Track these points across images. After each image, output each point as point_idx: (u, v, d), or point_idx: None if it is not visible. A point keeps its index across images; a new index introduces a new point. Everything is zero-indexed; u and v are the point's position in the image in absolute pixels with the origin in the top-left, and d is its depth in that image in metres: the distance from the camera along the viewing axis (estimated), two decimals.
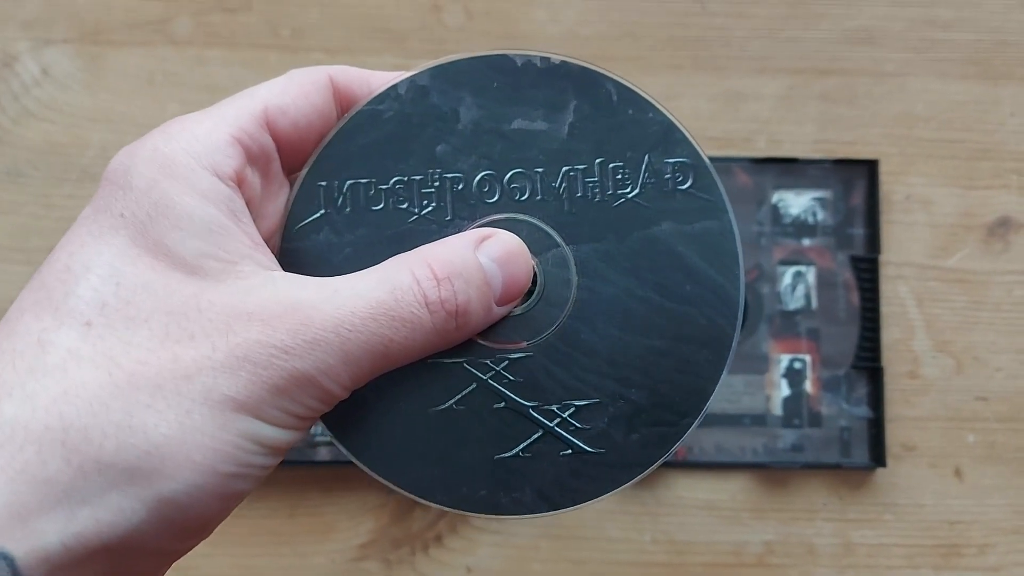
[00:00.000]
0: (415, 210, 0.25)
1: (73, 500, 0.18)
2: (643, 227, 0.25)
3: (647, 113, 0.26)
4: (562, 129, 0.26)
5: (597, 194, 0.25)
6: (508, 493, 0.25)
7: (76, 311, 0.20)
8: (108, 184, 0.22)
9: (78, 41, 0.41)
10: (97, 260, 0.21)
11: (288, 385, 0.20)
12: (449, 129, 0.26)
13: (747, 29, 0.42)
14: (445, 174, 0.25)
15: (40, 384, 0.19)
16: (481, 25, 0.42)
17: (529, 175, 0.26)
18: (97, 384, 0.19)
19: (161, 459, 0.19)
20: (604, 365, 0.25)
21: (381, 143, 0.25)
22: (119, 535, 0.19)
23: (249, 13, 0.42)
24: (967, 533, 0.40)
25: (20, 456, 0.18)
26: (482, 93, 0.26)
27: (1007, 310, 0.41)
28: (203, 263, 0.21)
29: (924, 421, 0.41)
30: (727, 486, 0.40)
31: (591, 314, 0.25)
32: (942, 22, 0.43)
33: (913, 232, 0.42)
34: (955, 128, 0.42)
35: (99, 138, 0.41)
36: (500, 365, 0.25)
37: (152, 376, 0.20)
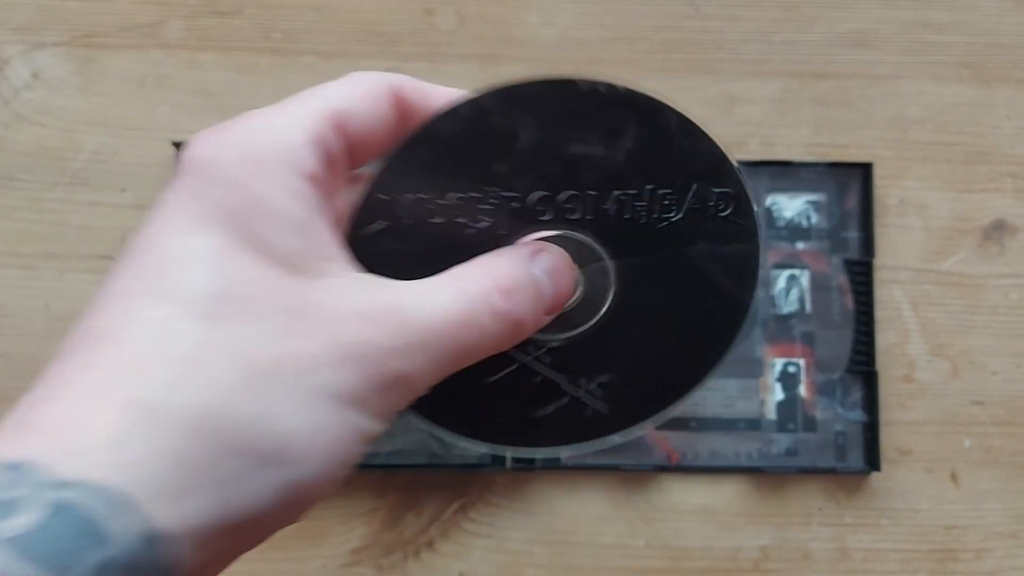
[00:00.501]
0: (472, 225, 0.27)
1: (215, 483, 0.20)
2: (679, 246, 0.28)
3: (702, 145, 0.27)
4: (619, 155, 0.27)
5: (643, 216, 0.28)
6: (542, 436, 0.29)
7: (193, 302, 0.21)
8: (196, 172, 0.22)
9: (70, 44, 0.41)
10: (200, 251, 0.21)
11: (390, 383, 0.22)
12: (508, 149, 0.27)
13: (741, 32, 0.42)
14: (502, 192, 0.27)
15: (177, 373, 0.20)
16: (474, 29, 0.42)
17: (582, 197, 0.27)
18: (231, 376, 0.20)
19: (291, 448, 0.21)
20: (624, 354, 0.29)
21: (441, 160, 0.27)
22: (251, 515, 0.20)
23: (241, 17, 0.42)
24: (963, 538, 0.40)
25: (169, 440, 0.19)
26: (543, 116, 0.27)
27: (1003, 314, 0.42)
28: (299, 261, 0.22)
29: (920, 425, 0.41)
30: (722, 491, 0.40)
31: (621, 316, 0.29)
32: (936, 25, 0.43)
33: (908, 236, 0.42)
34: (950, 131, 0.42)
35: (92, 141, 0.41)
36: (540, 351, 0.29)
37: (275, 370, 0.21)
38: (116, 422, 0.19)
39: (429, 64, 0.42)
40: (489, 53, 0.42)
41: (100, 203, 0.41)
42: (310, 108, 0.24)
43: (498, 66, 0.42)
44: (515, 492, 0.40)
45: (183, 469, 0.19)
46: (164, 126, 0.41)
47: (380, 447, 0.39)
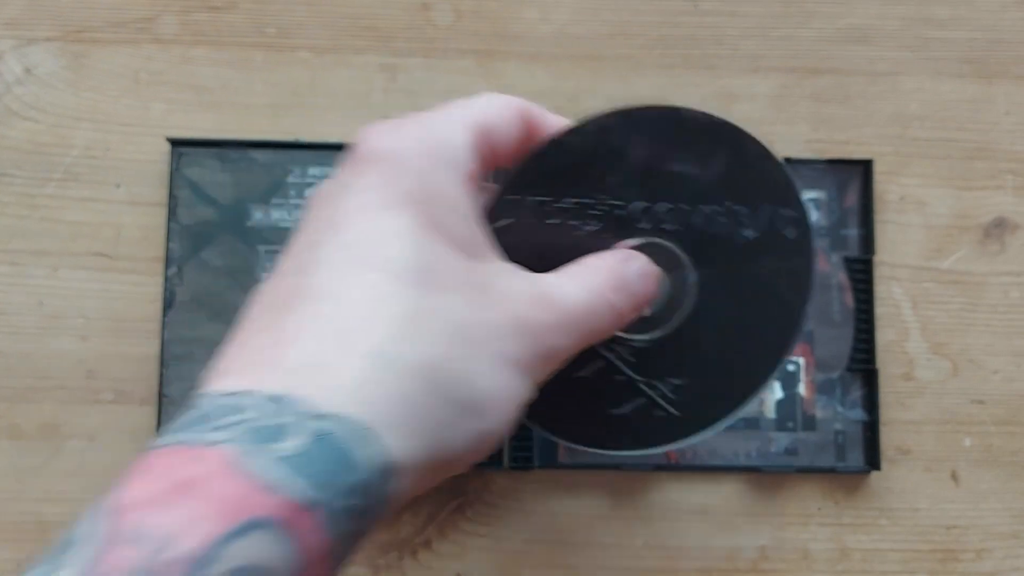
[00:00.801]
0: (581, 228, 0.31)
1: (433, 425, 0.23)
2: (752, 260, 0.32)
3: (775, 172, 0.32)
4: (709, 175, 0.32)
5: (723, 231, 0.32)
6: (617, 436, 0.33)
7: (401, 273, 0.24)
8: (382, 161, 0.26)
9: (62, 39, 0.41)
10: (396, 228, 0.25)
11: (547, 355, 0.26)
12: (620, 164, 0.31)
13: (739, 28, 0.42)
14: (610, 201, 0.31)
15: (401, 330, 0.23)
16: (470, 24, 0.42)
17: (675, 209, 0.32)
18: (443, 336, 0.24)
19: (485, 402, 0.25)
20: (700, 356, 0.33)
21: (564, 168, 0.31)
22: (451, 456, 0.24)
23: (235, 11, 0.42)
24: (964, 538, 0.40)
25: (401, 386, 0.23)
26: (652, 136, 0.31)
27: (1003, 312, 0.41)
28: (471, 248, 0.26)
29: (919, 424, 0.41)
30: (720, 490, 0.40)
31: (698, 320, 0.32)
32: (936, 20, 0.43)
33: (908, 233, 0.42)
34: (950, 128, 0.42)
35: (84, 137, 0.41)
36: (624, 350, 0.33)
37: (472, 334, 0.25)
38: (358, 367, 0.23)
39: (425, 59, 0.42)
40: (486, 49, 0.42)
41: (93, 199, 0.41)
42: (467, 117, 0.28)
43: (495, 62, 0.42)
44: (512, 492, 0.40)
45: (411, 411, 0.23)
46: (157, 121, 0.41)
47: None
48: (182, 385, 0.38)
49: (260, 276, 0.39)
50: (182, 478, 0.20)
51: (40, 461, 0.39)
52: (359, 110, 0.41)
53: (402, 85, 0.42)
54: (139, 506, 0.20)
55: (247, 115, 0.41)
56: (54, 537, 0.20)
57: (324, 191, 0.27)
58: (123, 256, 0.40)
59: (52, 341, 0.40)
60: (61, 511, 0.39)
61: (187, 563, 0.19)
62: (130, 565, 0.19)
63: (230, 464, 0.20)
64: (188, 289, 0.39)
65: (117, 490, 0.20)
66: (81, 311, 0.40)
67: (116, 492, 0.20)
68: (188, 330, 0.39)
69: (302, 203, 0.40)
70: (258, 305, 0.25)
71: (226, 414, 0.21)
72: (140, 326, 0.40)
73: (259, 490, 0.20)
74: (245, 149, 0.40)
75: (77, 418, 0.39)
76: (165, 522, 0.19)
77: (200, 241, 0.39)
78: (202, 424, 0.21)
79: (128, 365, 0.40)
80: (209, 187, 0.39)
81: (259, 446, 0.21)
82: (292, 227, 0.39)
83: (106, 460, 0.39)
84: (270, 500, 0.20)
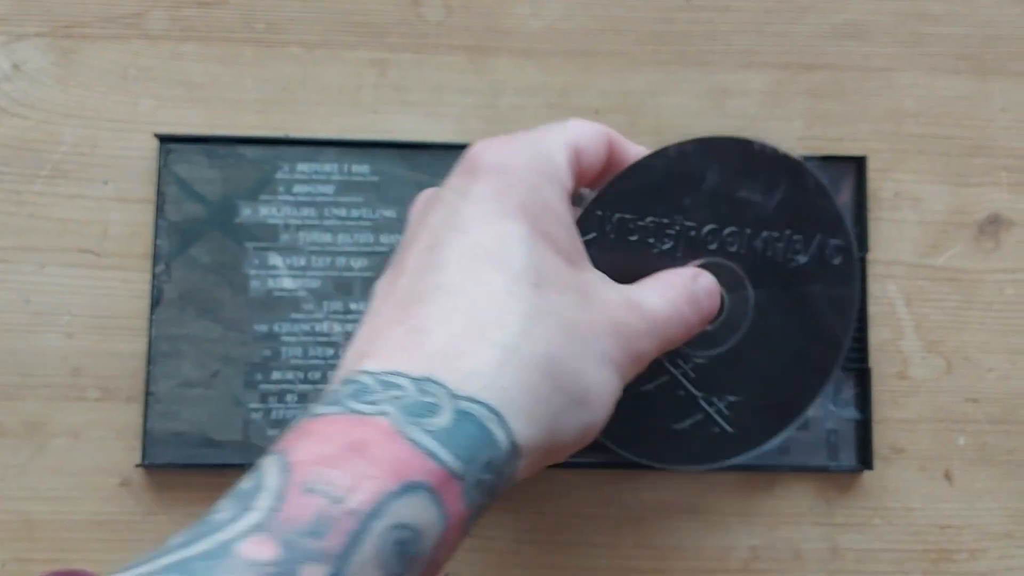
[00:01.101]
0: (657, 246, 0.35)
1: (549, 414, 0.26)
2: (802, 284, 0.35)
3: (828, 203, 0.35)
4: (772, 203, 0.35)
5: (779, 255, 0.35)
6: (675, 451, 0.37)
7: (521, 274, 0.27)
8: (497, 174, 0.29)
9: (50, 35, 0.41)
10: (515, 234, 0.28)
11: (635, 358, 0.30)
12: (696, 187, 0.35)
13: (733, 23, 0.42)
14: (684, 221, 0.35)
15: (525, 325, 0.26)
16: (461, 20, 0.42)
17: (740, 233, 0.35)
18: (559, 333, 0.27)
19: (591, 395, 0.28)
20: (753, 375, 0.36)
21: (646, 189, 0.34)
22: (560, 443, 0.27)
23: (224, 7, 0.42)
24: (958, 538, 0.40)
25: (526, 376, 0.26)
26: (726, 164, 0.35)
27: (998, 309, 0.41)
28: (572, 256, 0.29)
29: (913, 423, 0.41)
30: (712, 489, 0.40)
31: (753, 339, 0.36)
32: (932, 16, 0.42)
33: (902, 230, 0.41)
34: (945, 124, 0.42)
35: (73, 133, 0.41)
36: (687, 365, 0.36)
37: (582, 334, 0.28)
38: (491, 357, 0.25)
39: (416, 55, 0.42)
40: (477, 44, 0.42)
41: (81, 195, 0.40)
42: (567, 139, 0.31)
43: (486, 57, 0.42)
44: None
45: (533, 400, 0.26)
46: (146, 118, 0.41)
47: None
48: (168, 383, 0.38)
49: (248, 273, 0.39)
50: (353, 440, 0.23)
51: (24, 459, 0.39)
52: (349, 106, 0.41)
53: (393, 80, 0.42)
54: (316, 462, 0.22)
55: (237, 111, 0.41)
56: (235, 485, 0.23)
57: (435, 197, 0.30)
58: (110, 253, 0.40)
59: (38, 338, 0.40)
60: (47, 509, 0.39)
61: (360, 514, 0.22)
62: (311, 512, 0.21)
63: (394, 432, 0.23)
64: (176, 286, 0.39)
65: (287, 449, 0.23)
66: (67, 308, 0.40)
67: (287, 450, 0.23)
68: (176, 327, 0.39)
69: (291, 199, 0.39)
70: (386, 299, 0.28)
71: (385, 389, 0.24)
72: (127, 323, 0.40)
73: (418, 456, 0.23)
74: (234, 145, 0.40)
75: (62, 416, 0.39)
76: (341, 477, 0.22)
77: (188, 238, 0.39)
78: (365, 396, 0.24)
79: (114, 362, 0.40)
80: (197, 183, 0.39)
81: (415, 419, 0.24)
82: (280, 224, 0.39)
83: (92, 458, 0.39)
84: (427, 465, 0.23)
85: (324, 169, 0.40)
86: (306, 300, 0.39)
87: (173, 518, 0.39)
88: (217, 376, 0.38)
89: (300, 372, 0.39)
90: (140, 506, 0.39)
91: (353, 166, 0.40)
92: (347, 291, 0.39)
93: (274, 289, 0.39)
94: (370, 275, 0.39)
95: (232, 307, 0.39)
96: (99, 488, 0.39)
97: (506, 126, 0.41)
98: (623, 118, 0.41)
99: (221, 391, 0.38)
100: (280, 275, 0.39)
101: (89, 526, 0.39)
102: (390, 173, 0.40)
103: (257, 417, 0.38)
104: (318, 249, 0.39)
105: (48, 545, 0.39)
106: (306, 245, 0.39)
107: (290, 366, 0.39)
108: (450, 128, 0.41)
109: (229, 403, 0.38)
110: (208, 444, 0.38)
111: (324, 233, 0.39)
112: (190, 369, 0.38)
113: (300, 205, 0.40)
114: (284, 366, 0.39)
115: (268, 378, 0.39)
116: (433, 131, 0.41)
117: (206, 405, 0.38)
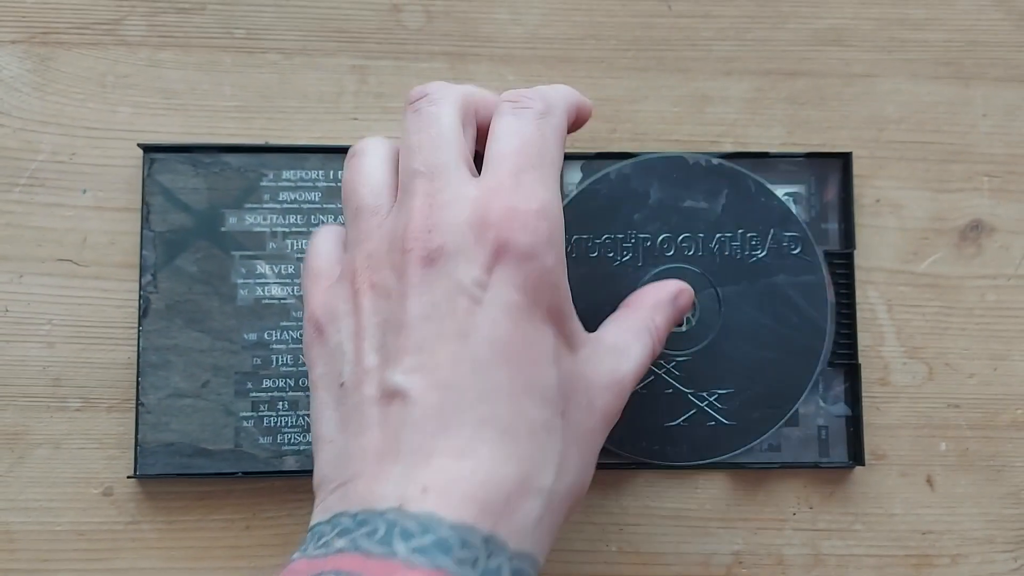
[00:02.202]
0: (617, 258, 0.40)
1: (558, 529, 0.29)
2: (766, 277, 0.40)
3: (773, 201, 0.41)
4: (717, 208, 0.41)
5: (737, 253, 0.40)
6: (673, 448, 0.40)
7: (553, 400, 0.28)
8: (522, 264, 0.28)
9: (26, 42, 0.42)
10: (548, 350, 0.29)
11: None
12: (643, 204, 0.40)
13: (714, 30, 0.43)
14: (639, 234, 0.40)
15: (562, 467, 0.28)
16: (441, 26, 0.43)
17: (694, 238, 0.40)
18: (579, 463, 0.29)
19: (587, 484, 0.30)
20: (737, 367, 0.40)
21: (597, 210, 0.40)
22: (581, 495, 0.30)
23: (203, 13, 0.42)
24: (939, 543, 0.41)
25: (558, 519, 0.29)
26: (665, 180, 0.41)
27: (980, 315, 0.42)
28: (573, 336, 0.30)
29: (895, 429, 0.42)
30: (695, 496, 0.41)
31: (730, 333, 0.40)
32: (912, 22, 0.43)
33: (883, 236, 0.42)
34: (926, 130, 0.43)
35: (50, 141, 0.41)
36: (670, 364, 0.40)
37: (592, 444, 0.31)
38: (536, 509, 0.27)
39: (396, 62, 0.42)
40: (457, 50, 0.43)
41: (60, 204, 0.41)
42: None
43: (466, 63, 0.43)
44: None
45: (557, 529, 0.28)
46: (124, 125, 0.42)
47: None
48: (158, 394, 0.39)
49: (236, 282, 0.40)
50: None
51: (5, 469, 0.40)
52: (330, 112, 0.42)
53: (372, 87, 0.42)
54: None
55: (216, 118, 0.42)
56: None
57: (451, 285, 0.28)
58: (90, 262, 0.41)
59: (17, 348, 0.40)
60: (27, 520, 0.40)
61: None
62: None
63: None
64: (163, 297, 0.40)
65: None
66: (47, 318, 0.41)
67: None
68: (164, 338, 0.39)
69: (276, 207, 0.40)
70: (419, 411, 0.27)
71: (461, 548, 0.25)
72: (108, 332, 0.40)
73: None
74: (218, 153, 0.40)
75: (43, 425, 0.40)
76: None
77: (174, 248, 0.40)
78: (444, 552, 0.24)
79: (95, 372, 0.40)
80: (182, 193, 0.40)
81: (468, 570, 0.25)
82: (267, 231, 0.40)
83: (73, 468, 0.40)
84: None
85: (309, 176, 0.40)
86: (295, 307, 0.40)
87: (156, 527, 0.40)
88: (207, 386, 0.39)
89: (291, 380, 0.39)
90: (123, 516, 0.40)
91: (338, 172, 0.41)
92: None
93: (262, 297, 0.40)
94: None
95: (220, 316, 0.40)
96: (81, 498, 0.40)
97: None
98: (603, 125, 0.42)
99: (212, 401, 0.39)
100: (268, 283, 0.40)
101: (71, 536, 0.40)
102: None
103: (249, 425, 0.39)
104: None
105: (29, 556, 0.39)
106: (293, 252, 0.40)
107: (280, 374, 0.39)
108: None
109: (220, 412, 0.39)
110: (200, 454, 0.39)
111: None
112: (180, 380, 0.39)
113: (286, 212, 0.40)
114: (275, 374, 0.39)
115: (259, 386, 0.39)
116: None
117: (197, 415, 0.39)
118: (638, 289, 0.36)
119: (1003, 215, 0.43)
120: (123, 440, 0.40)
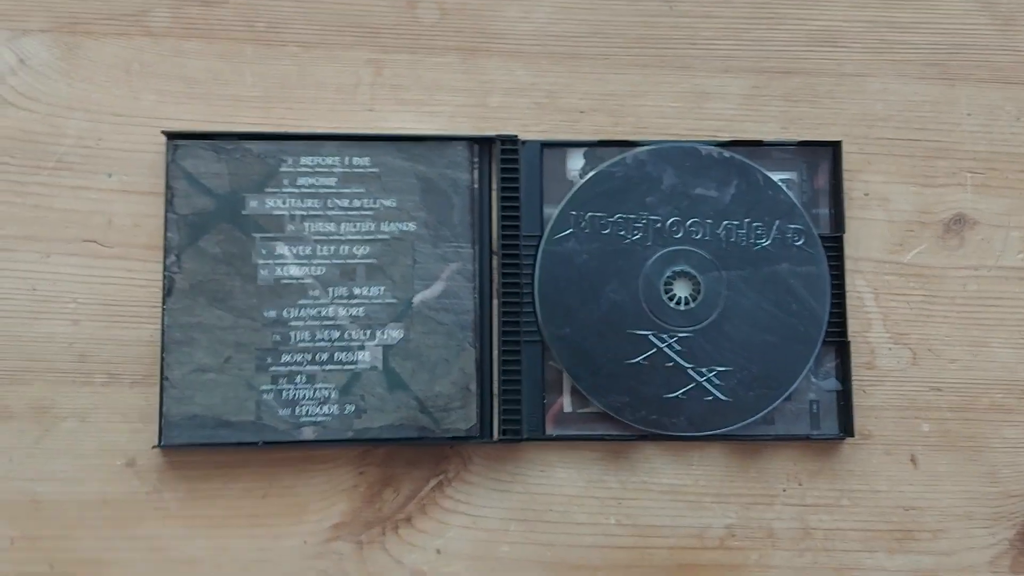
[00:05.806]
0: (628, 237, 0.46)
1: None
2: (770, 265, 0.46)
3: (780, 194, 0.46)
4: (726, 197, 0.46)
5: (743, 240, 0.46)
6: (670, 419, 0.45)
7: None
8: None
9: (55, 31, 0.47)
10: None
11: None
12: (656, 188, 0.46)
13: (713, 29, 0.49)
14: (650, 216, 0.46)
15: None
16: (454, 22, 0.48)
17: (702, 223, 0.46)
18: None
19: None
20: (737, 347, 0.46)
21: (612, 191, 0.46)
22: None
23: (225, 6, 0.47)
24: (921, 519, 0.47)
25: None
26: (679, 167, 0.46)
27: (961, 304, 0.48)
28: None
29: (880, 410, 0.47)
30: (690, 471, 0.46)
31: (732, 315, 0.46)
32: (901, 25, 0.49)
33: (871, 228, 0.48)
34: (913, 127, 0.49)
35: (76, 127, 0.46)
36: (672, 339, 0.45)
37: None
38: None
39: (411, 56, 0.48)
40: (469, 45, 0.48)
41: (86, 187, 0.46)
42: None
43: (478, 58, 0.48)
44: (491, 471, 0.46)
45: None
46: (148, 112, 0.47)
47: (371, 422, 0.44)
48: (182, 369, 0.44)
49: (256, 262, 0.45)
50: None
51: (31, 441, 0.45)
52: (346, 103, 0.47)
53: (388, 79, 0.48)
54: None
55: (237, 107, 0.47)
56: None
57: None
58: (114, 243, 0.46)
59: (44, 325, 0.45)
60: (54, 490, 0.44)
61: None
62: None
63: None
64: (187, 277, 0.45)
65: None
66: (72, 296, 0.45)
67: None
68: (188, 316, 0.44)
69: (295, 191, 0.45)
70: None
71: None
72: (132, 311, 0.45)
73: None
74: (239, 140, 0.46)
75: (69, 399, 0.45)
76: None
77: (197, 230, 0.45)
78: None
79: (120, 349, 0.45)
80: (204, 177, 0.45)
81: None
82: (286, 215, 0.45)
83: (98, 440, 0.45)
84: None
85: (326, 162, 0.46)
86: (312, 287, 0.45)
87: (177, 496, 0.45)
88: (229, 361, 0.44)
89: (309, 354, 0.44)
90: (145, 486, 0.45)
91: (354, 158, 0.46)
92: (351, 277, 0.45)
93: (282, 277, 0.45)
94: (372, 262, 0.45)
95: (242, 295, 0.45)
96: (105, 469, 0.45)
97: (495, 124, 0.47)
98: (606, 118, 0.48)
99: (233, 375, 0.44)
100: (287, 263, 0.45)
101: (95, 505, 0.45)
102: (389, 164, 0.46)
103: (269, 398, 0.44)
104: (323, 238, 0.45)
105: (55, 523, 0.44)
106: (311, 234, 0.45)
107: (299, 349, 0.44)
108: (442, 126, 0.47)
109: (241, 386, 0.44)
110: (222, 425, 0.44)
111: (328, 223, 0.45)
112: (203, 355, 0.44)
113: (304, 196, 0.45)
114: (293, 349, 0.44)
115: (278, 361, 0.44)
116: (426, 129, 0.47)
117: (219, 389, 0.44)
118: None
119: (985, 209, 0.48)
120: (146, 414, 0.45)
